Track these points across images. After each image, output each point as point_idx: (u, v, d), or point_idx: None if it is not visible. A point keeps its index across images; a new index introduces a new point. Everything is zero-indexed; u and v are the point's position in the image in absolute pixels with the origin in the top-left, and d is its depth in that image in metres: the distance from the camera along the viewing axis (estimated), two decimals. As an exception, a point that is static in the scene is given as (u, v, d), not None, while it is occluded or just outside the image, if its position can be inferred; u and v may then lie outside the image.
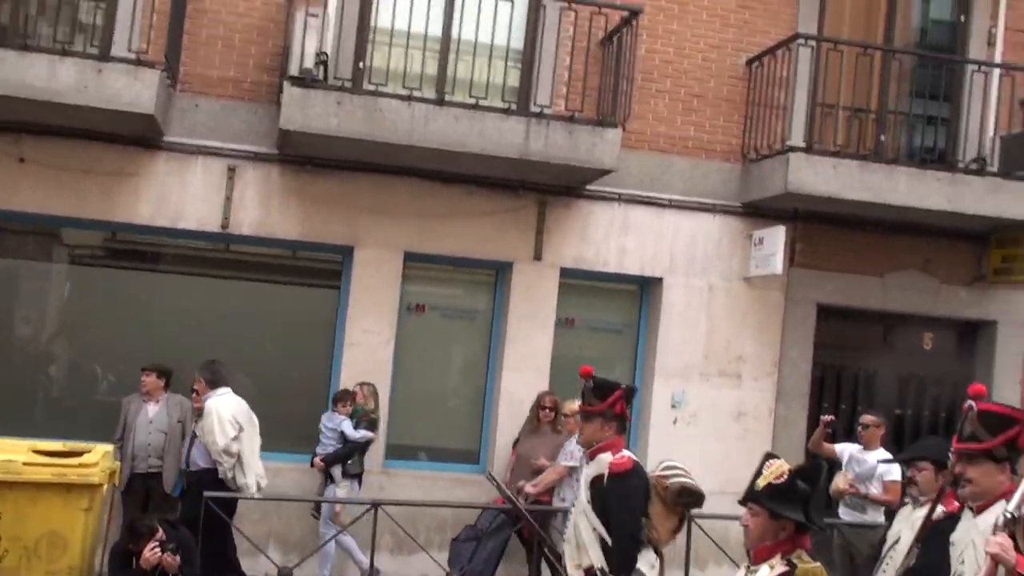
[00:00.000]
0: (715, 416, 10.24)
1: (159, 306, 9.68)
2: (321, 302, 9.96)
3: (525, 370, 9.81)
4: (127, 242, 9.86)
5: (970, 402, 4.23)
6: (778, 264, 9.58)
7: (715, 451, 10.12)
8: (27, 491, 6.51)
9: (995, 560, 3.80)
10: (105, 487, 6.88)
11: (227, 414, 7.67)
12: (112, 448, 7.48)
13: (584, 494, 5.37)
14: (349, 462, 8.88)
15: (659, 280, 10.17)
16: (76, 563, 6.55)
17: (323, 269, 10.09)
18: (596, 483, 5.30)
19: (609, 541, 5.24)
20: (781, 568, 3.51)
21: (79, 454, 6.96)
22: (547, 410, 9.23)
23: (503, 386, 9.81)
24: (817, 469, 3.76)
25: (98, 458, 6.86)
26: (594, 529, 5.29)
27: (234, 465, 7.69)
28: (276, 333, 9.90)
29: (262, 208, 9.35)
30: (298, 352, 10.01)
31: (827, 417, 8.75)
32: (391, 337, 9.62)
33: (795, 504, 3.52)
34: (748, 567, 3.65)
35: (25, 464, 6.58)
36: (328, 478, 8.95)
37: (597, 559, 5.27)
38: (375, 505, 7.83)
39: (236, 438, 7.67)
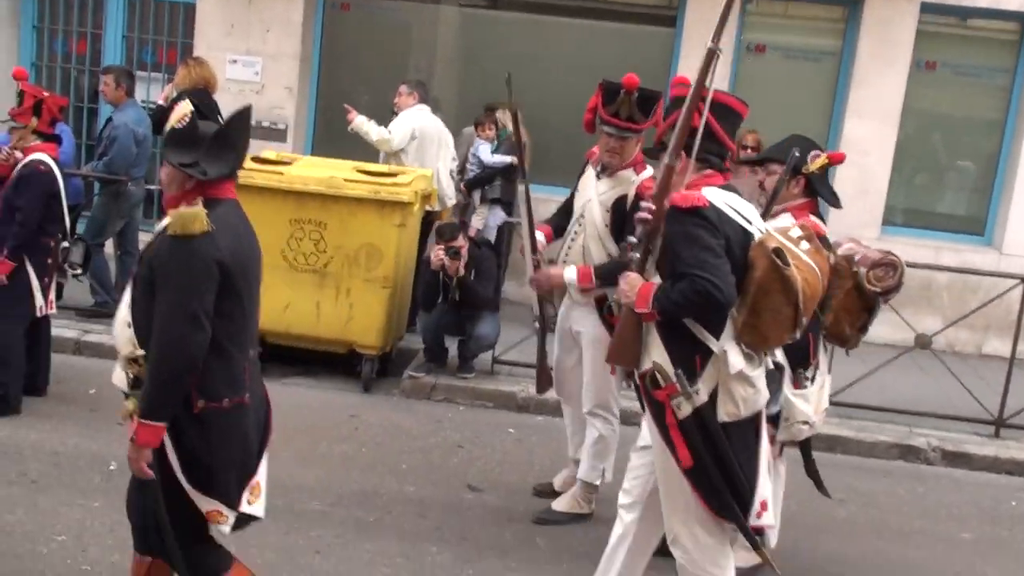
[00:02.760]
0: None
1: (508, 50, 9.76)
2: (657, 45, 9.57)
3: (871, 117, 8.98)
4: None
5: None
6: None
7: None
8: (348, 205, 6.97)
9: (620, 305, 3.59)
10: (416, 206, 7.22)
11: (408, 126, 8.06)
12: (431, 172, 7.81)
13: (599, 215, 4.98)
14: (486, 187, 8.62)
15: (1045, 18, 8.69)
16: (390, 273, 7.01)
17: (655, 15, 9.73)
18: (620, 203, 4.93)
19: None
20: None
21: (396, 175, 7.35)
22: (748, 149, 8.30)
23: (845, 133, 9.06)
24: (224, 114, 3.30)
25: (411, 179, 7.19)
26: (609, 255, 4.96)
27: None
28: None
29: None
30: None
31: None
32: (725, 77, 9.06)
33: (195, 150, 3.24)
34: (159, 218, 3.40)
35: (346, 180, 7.03)
36: (471, 205, 8.76)
37: None
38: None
39: (411, 142, 8.05)
